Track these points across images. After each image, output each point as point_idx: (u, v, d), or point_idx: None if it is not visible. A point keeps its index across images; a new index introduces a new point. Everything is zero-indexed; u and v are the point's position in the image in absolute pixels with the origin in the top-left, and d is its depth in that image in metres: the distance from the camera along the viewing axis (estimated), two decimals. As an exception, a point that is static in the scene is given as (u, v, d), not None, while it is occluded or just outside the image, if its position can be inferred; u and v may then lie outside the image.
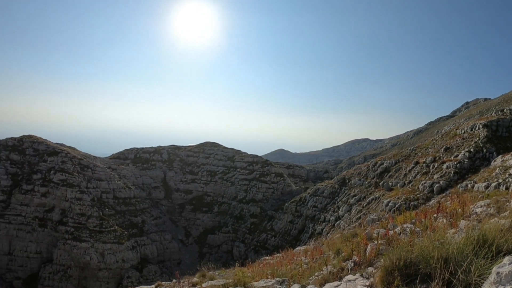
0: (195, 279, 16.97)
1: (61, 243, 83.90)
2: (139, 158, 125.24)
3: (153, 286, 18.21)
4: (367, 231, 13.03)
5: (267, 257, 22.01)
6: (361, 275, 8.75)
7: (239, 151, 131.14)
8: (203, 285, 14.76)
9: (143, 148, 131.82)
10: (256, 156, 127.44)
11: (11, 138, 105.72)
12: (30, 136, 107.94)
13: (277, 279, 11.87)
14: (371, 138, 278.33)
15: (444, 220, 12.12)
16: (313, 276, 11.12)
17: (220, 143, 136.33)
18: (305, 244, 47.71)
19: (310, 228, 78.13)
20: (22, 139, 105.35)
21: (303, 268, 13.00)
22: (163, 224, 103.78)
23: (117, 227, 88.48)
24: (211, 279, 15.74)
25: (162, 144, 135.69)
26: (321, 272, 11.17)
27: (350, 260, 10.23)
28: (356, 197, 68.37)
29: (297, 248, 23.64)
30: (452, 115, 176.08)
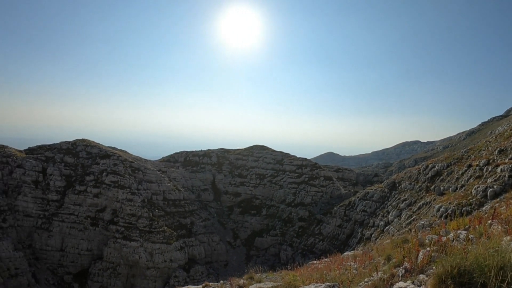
0: (242, 281, 16.95)
1: (112, 242, 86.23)
2: (188, 161, 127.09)
3: (200, 286, 18.24)
4: (418, 237, 12.72)
5: (314, 262, 21.64)
6: (412, 282, 8.51)
7: (288, 154, 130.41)
8: (251, 287, 14.76)
9: (192, 151, 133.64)
10: (305, 159, 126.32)
11: (65, 142, 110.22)
12: (83, 140, 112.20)
13: (327, 283, 11.65)
14: (422, 140, 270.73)
15: (499, 227, 11.66)
16: (363, 282, 10.89)
17: (269, 146, 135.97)
18: (353, 249, 46.94)
19: (359, 233, 76.73)
20: (75, 143, 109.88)
21: (353, 274, 12.70)
22: (212, 226, 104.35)
23: (166, 227, 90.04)
24: (259, 282, 15.73)
25: (211, 148, 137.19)
26: (371, 278, 10.94)
27: (401, 267, 9.95)
28: (407, 201, 66.52)
29: (345, 253, 23.26)
30: (506, 114, 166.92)
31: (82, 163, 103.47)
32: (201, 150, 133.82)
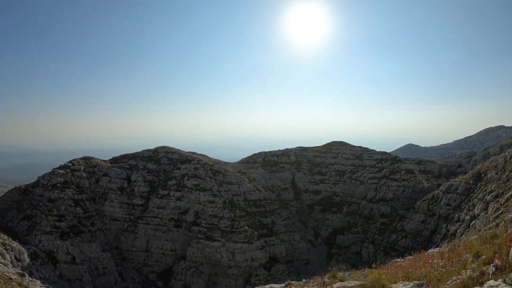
0: (325, 280, 17.05)
1: (194, 242, 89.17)
2: (267, 161, 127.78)
3: (283, 284, 18.52)
4: (508, 231, 12.24)
5: (398, 260, 21.22)
6: (504, 281, 8.18)
7: (367, 148, 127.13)
8: (334, 286, 14.83)
9: (271, 151, 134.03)
10: (385, 153, 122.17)
11: (147, 150, 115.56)
12: (164, 147, 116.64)
13: (415, 282, 11.48)
14: (506, 125, 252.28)
15: None
16: (451, 281, 10.62)
17: (347, 142, 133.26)
18: (437, 246, 45.31)
19: (443, 229, 73.07)
20: (157, 150, 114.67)
21: (440, 272, 12.45)
22: (292, 224, 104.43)
23: (247, 227, 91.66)
24: (342, 280, 15.85)
25: (289, 147, 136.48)
26: (460, 276, 10.65)
27: (491, 264, 9.61)
28: (493, 193, 61.94)
29: (429, 250, 22.67)
30: None
31: (164, 168, 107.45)
32: (279, 150, 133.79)
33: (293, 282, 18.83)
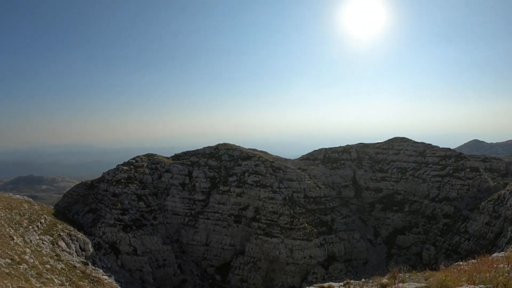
0: (384, 280, 17.02)
1: (253, 238, 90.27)
2: (328, 158, 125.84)
3: (341, 283, 18.52)
4: None
5: (460, 263, 20.55)
6: None
7: (430, 145, 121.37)
8: (394, 287, 14.79)
9: (331, 148, 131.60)
10: (449, 149, 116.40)
11: (208, 147, 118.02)
12: (225, 144, 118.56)
13: (481, 286, 11.48)
14: None
15: None
16: None
17: (409, 138, 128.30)
18: (502, 250, 43.85)
19: (509, 232, 68.60)
20: (218, 147, 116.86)
21: (506, 277, 12.20)
22: (352, 223, 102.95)
23: (306, 224, 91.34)
24: (402, 281, 15.81)
25: (350, 143, 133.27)
26: None
27: None
28: None
29: (494, 255, 21.87)
30: None
31: (225, 165, 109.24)
32: (340, 146, 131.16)
33: (352, 281, 18.72)
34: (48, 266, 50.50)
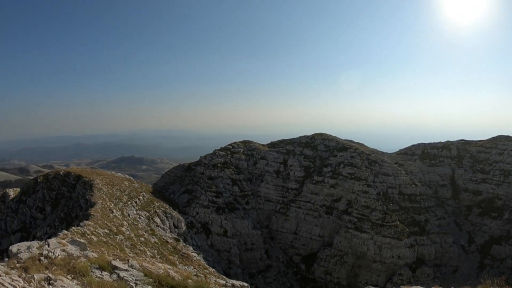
0: None
1: (343, 231, 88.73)
2: (426, 154, 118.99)
3: None
4: None
5: None
6: None
7: None
8: None
9: (430, 143, 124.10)
10: None
11: (304, 136, 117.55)
12: (321, 134, 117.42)
13: None
14: None
15: None
16: None
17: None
18: None
19: None
20: (314, 137, 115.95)
21: None
22: (447, 226, 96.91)
23: (398, 222, 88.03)
24: None
25: (450, 139, 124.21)
26: None
27: None
28: None
29: None
30: None
31: (320, 155, 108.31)
32: (440, 142, 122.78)
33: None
34: (142, 239, 53.29)
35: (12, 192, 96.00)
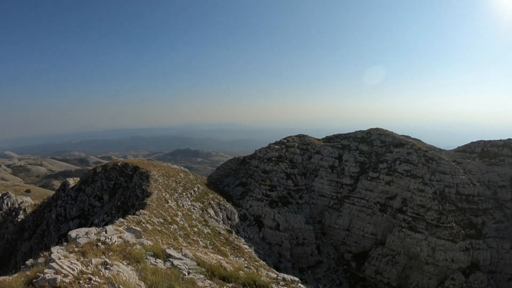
0: None
1: (396, 230, 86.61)
2: (486, 152, 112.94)
3: None
4: None
5: None
6: None
7: None
8: None
9: (491, 141, 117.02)
10: None
11: (360, 131, 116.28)
12: (377, 129, 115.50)
13: None
14: None
15: None
16: None
17: None
18: None
19: None
20: (369, 132, 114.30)
21: None
22: (504, 230, 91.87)
23: (454, 224, 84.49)
24: None
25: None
26: None
27: None
28: None
29: None
30: None
31: (376, 151, 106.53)
32: (500, 140, 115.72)
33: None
34: (195, 229, 54.13)
35: (72, 181, 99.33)
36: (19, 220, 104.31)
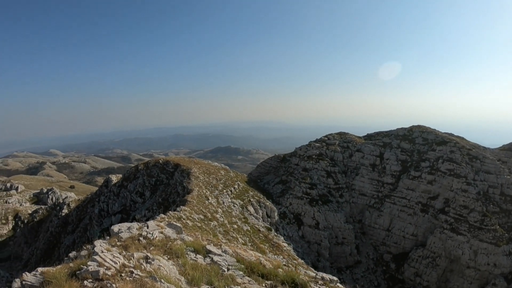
0: None
1: (438, 231, 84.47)
2: None
3: None
4: None
5: None
6: None
7: None
8: None
9: None
10: None
11: (402, 129, 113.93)
12: (419, 126, 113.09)
13: None
14: None
15: None
16: None
17: None
18: None
19: None
20: (411, 129, 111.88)
21: None
22: None
23: (498, 226, 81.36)
24: None
25: None
26: None
27: None
28: None
29: None
30: None
31: (418, 149, 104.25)
32: None
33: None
34: (235, 226, 54.45)
35: (114, 178, 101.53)
36: (63, 214, 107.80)
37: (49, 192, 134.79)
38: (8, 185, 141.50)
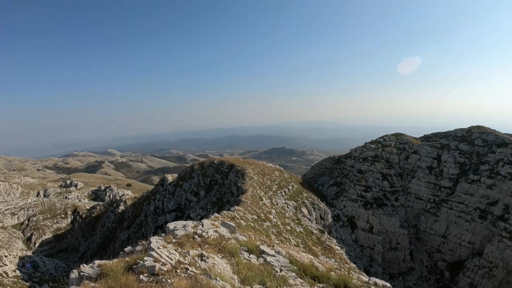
0: None
1: (496, 240, 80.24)
2: None
3: None
4: None
5: None
6: None
7: None
8: None
9: None
10: None
11: (460, 129, 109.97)
12: (478, 127, 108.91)
13: None
14: None
15: None
16: None
17: None
18: None
19: None
20: (470, 130, 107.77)
21: None
22: None
23: None
24: None
25: None
26: None
27: None
28: None
29: None
30: None
31: (477, 151, 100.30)
32: None
33: None
34: (288, 227, 54.50)
35: (170, 177, 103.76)
36: (119, 210, 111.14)
37: (107, 190, 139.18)
38: (68, 182, 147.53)
